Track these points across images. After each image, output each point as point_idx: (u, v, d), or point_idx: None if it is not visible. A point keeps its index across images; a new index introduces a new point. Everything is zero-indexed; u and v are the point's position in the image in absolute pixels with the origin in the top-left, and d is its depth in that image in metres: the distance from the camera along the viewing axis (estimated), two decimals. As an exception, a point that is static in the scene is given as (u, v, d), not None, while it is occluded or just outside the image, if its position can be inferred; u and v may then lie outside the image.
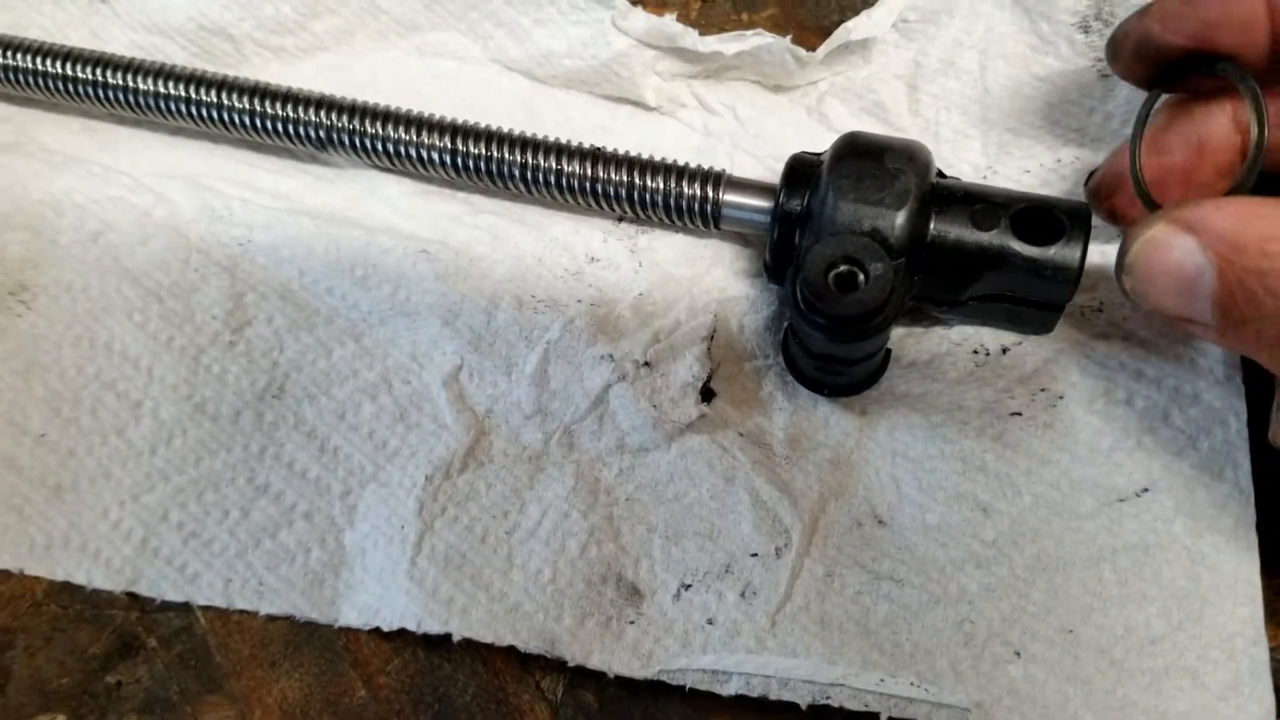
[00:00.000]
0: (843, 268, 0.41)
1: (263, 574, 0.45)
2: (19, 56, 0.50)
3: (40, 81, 0.50)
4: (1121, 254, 0.38)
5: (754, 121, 0.51)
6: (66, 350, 0.48)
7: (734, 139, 0.51)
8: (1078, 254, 0.41)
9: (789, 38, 0.50)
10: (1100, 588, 0.44)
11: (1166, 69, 0.40)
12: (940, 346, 0.48)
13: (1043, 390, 0.46)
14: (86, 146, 0.52)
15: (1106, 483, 0.45)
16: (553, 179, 0.47)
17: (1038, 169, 0.50)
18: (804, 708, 0.42)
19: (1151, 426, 0.45)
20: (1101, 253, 0.47)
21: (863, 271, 0.40)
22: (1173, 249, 0.35)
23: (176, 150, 0.52)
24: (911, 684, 0.42)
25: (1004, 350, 0.47)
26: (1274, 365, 0.35)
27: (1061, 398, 0.46)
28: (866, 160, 0.42)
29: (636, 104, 0.52)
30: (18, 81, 0.51)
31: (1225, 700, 0.41)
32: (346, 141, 0.49)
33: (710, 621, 0.44)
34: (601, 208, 0.48)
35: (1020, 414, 0.46)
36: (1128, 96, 0.49)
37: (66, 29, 0.54)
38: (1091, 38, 0.50)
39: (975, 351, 0.48)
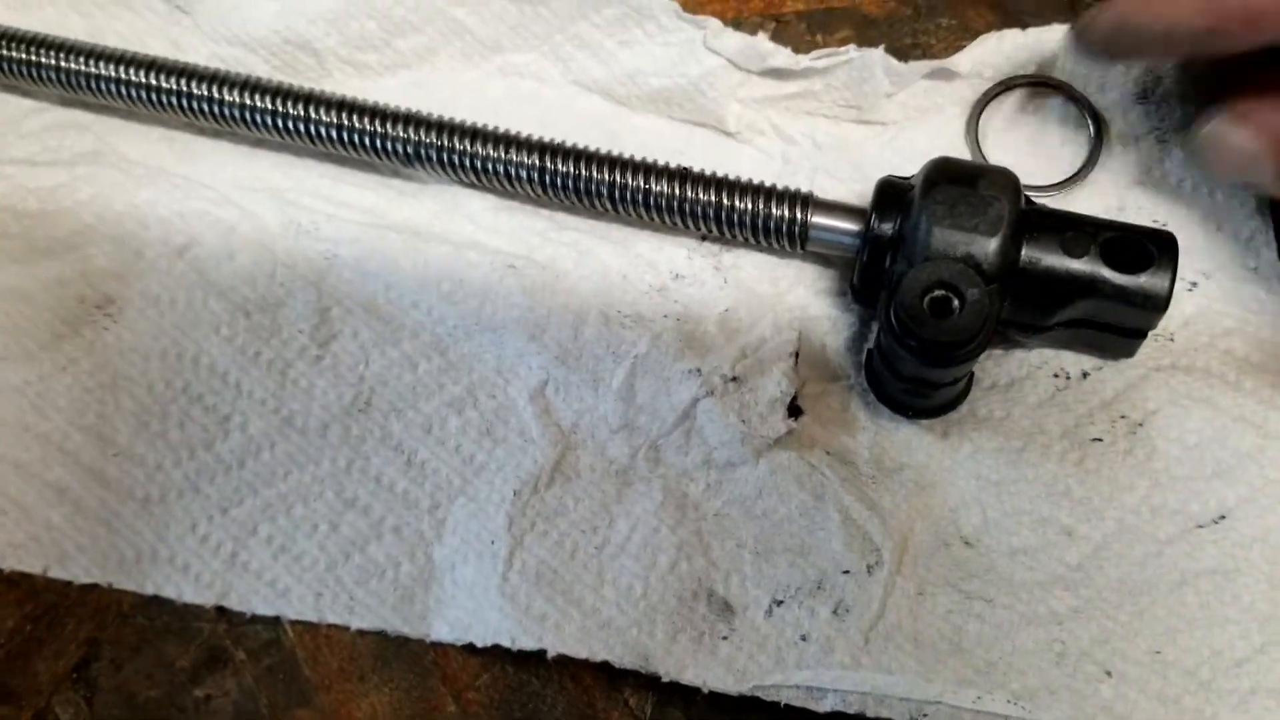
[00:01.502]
0: (938, 293, 0.41)
1: (353, 588, 0.45)
2: (100, 64, 0.50)
3: (123, 90, 0.50)
4: (1190, 137, 0.44)
5: (833, 149, 0.52)
6: (153, 364, 0.48)
7: (814, 164, 0.52)
8: (1167, 283, 0.42)
9: (882, 48, 0.51)
10: (1184, 610, 0.44)
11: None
12: (1020, 370, 0.49)
13: (1123, 417, 0.47)
14: (166, 157, 0.52)
15: (1185, 509, 0.46)
16: (640, 198, 0.48)
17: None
18: (900, 725, 0.42)
19: (1227, 456, 0.46)
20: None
21: (958, 297, 0.41)
22: (1233, 136, 0.42)
23: (258, 163, 0.52)
24: (1008, 702, 0.43)
25: (1084, 375, 0.48)
26: None
27: (1141, 425, 0.47)
28: (961, 186, 0.43)
29: (714, 129, 0.53)
30: (99, 89, 0.51)
31: (1314, 719, 0.42)
32: (435, 157, 0.49)
33: (804, 638, 0.44)
34: (687, 227, 0.49)
35: (1101, 439, 0.47)
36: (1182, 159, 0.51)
37: (145, 38, 0.54)
38: (1148, 106, 0.52)
39: (1056, 375, 0.48)
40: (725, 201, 0.48)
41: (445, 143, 0.48)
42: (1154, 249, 0.43)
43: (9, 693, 0.44)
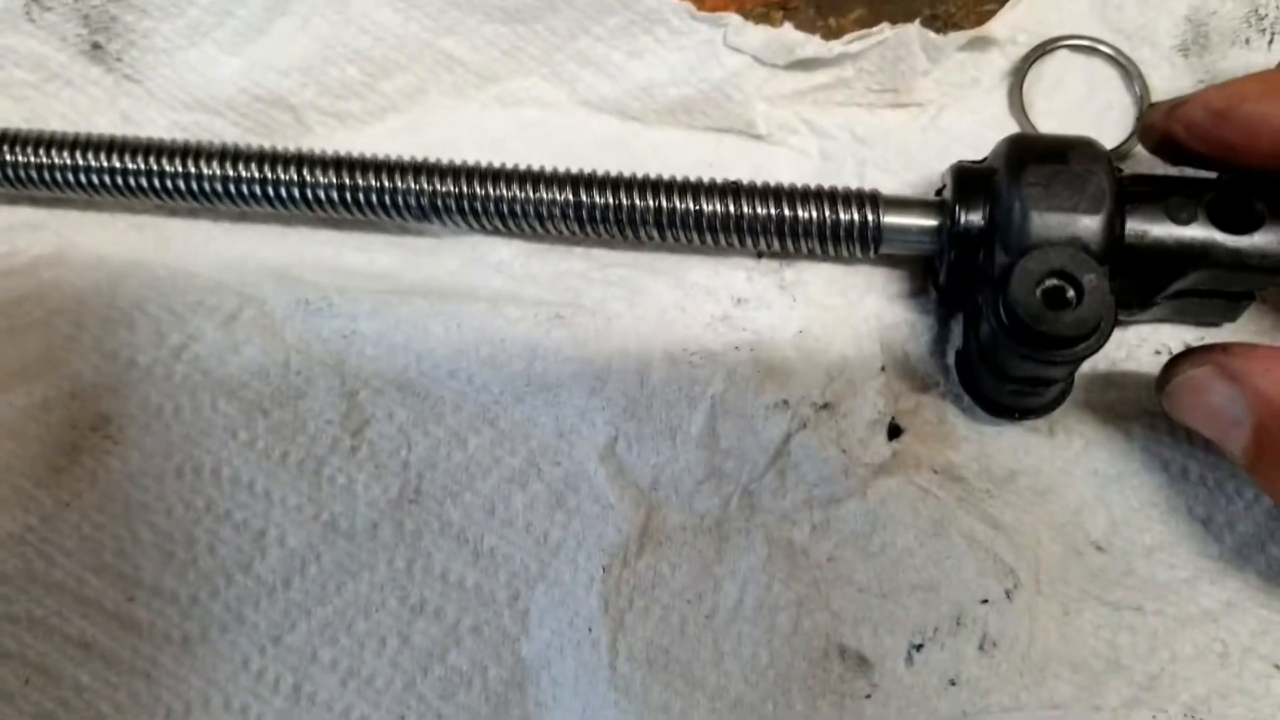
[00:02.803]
0: (1051, 283, 0.37)
1: (438, 705, 0.40)
2: (49, 152, 0.44)
3: (79, 178, 0.44)
4: (1163, 379, 0.39)
5: (874, 139, 0.48)
6: (168, 484, 0.42)
7: (858, 158, 0.47)
8: None
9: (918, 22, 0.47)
10: (1339, 585, 0.41)
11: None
12: (1119, 351, 0.45)
13: (1240, 386, 0.44)
14: (141, 247, 0.46)
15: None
16: (691, 221, 0.43)
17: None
18: (1080, 760, 0.38)
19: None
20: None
21: (1073, 285, 0.37)
22: (1214, 393, 0.36)
23: (245, 239, 0.46)
24: (1185, 715, 0.39)
25: (1188, 347, 0.45)
26: None
27: (1259, 392, 0.44)
28: (1053, 163, 0.39)
29: (742, 133, 0.48)
30: (51, 181, 0.44)
31: None
32: (453, 207, 0.43)
33: (953, 682, 0.40)
34: (744, 245, 0.44)
35: (1222, 412, 0.43)
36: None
37: (92, 116, 0.47)
38: (1191, 60, 0.49)
39: (1158, 352, 0.45)
40: (787, 212, 0.43)
41: (463, 189, 0.43)
42: (1262, 204, 0.39)
43: None
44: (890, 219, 0.43)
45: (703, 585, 0.41)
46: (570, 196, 0.43)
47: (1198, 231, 0.39)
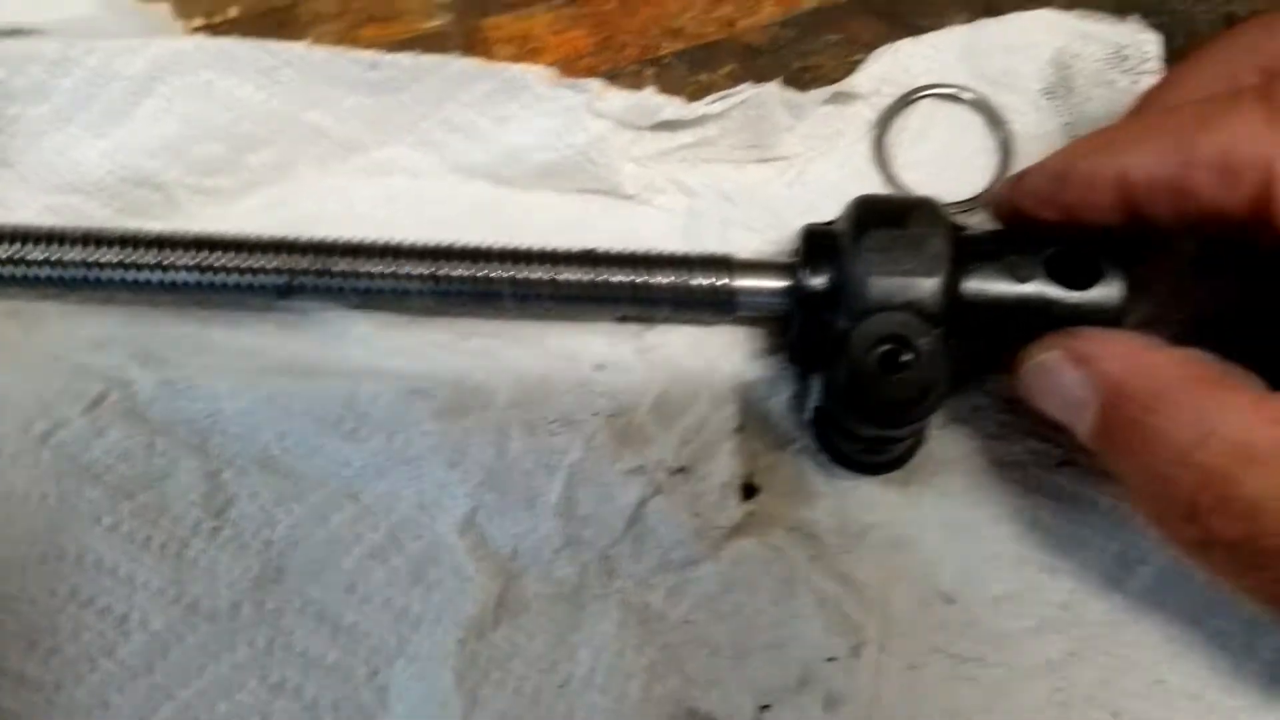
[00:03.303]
0: (886, 347, 0.38)
1: (300, 782, 0.41)
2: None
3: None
4: (1016, 365, 0.39)
5: (740, 196, 0.48)
6: (32, 572, 0.42)
7: (724, 217, 0.48)
8: (1119, 294, 0.40)
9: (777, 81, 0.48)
10: (1177, 631, 0.42)
11: None
12: (975, 399, 0.46)
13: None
14: (11, 332, 0.46)
15: (1167, 520, 0.43)
16: (548, 290, 0.44)
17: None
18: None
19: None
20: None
21: (908, 349, 0.38)
22: (1064, 377, 0.37)
23: (112, 320, 0.47)
24: (1021, 769, 0.40)
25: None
26: (1136, 500, 0.36)
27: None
28: (891, 227, 0.40)
29: (611, 195, 0.49)
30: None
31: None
32: (308, 285, 0.44)
33: (799, 741, 0.41)
34: (605, 311, 0.45)
35: (1069, 462, 0.44)
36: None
37: (-42, 201, 0.48)
38: (1056, 103, 0.49)
39: (1009, 401, 0.46)
40: (641, 279, 0.44)
41: (317, 266, 0.44)
42: (1103, 259, 0.40)
43: None
44: (742, 282, 0.43)
45: (557, 654, 0.42)
46: (425, 270, 0.44)
47: (1036, 288, 0.40)
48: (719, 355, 0.46)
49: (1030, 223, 0.40)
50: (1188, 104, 0.37)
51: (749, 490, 0.44)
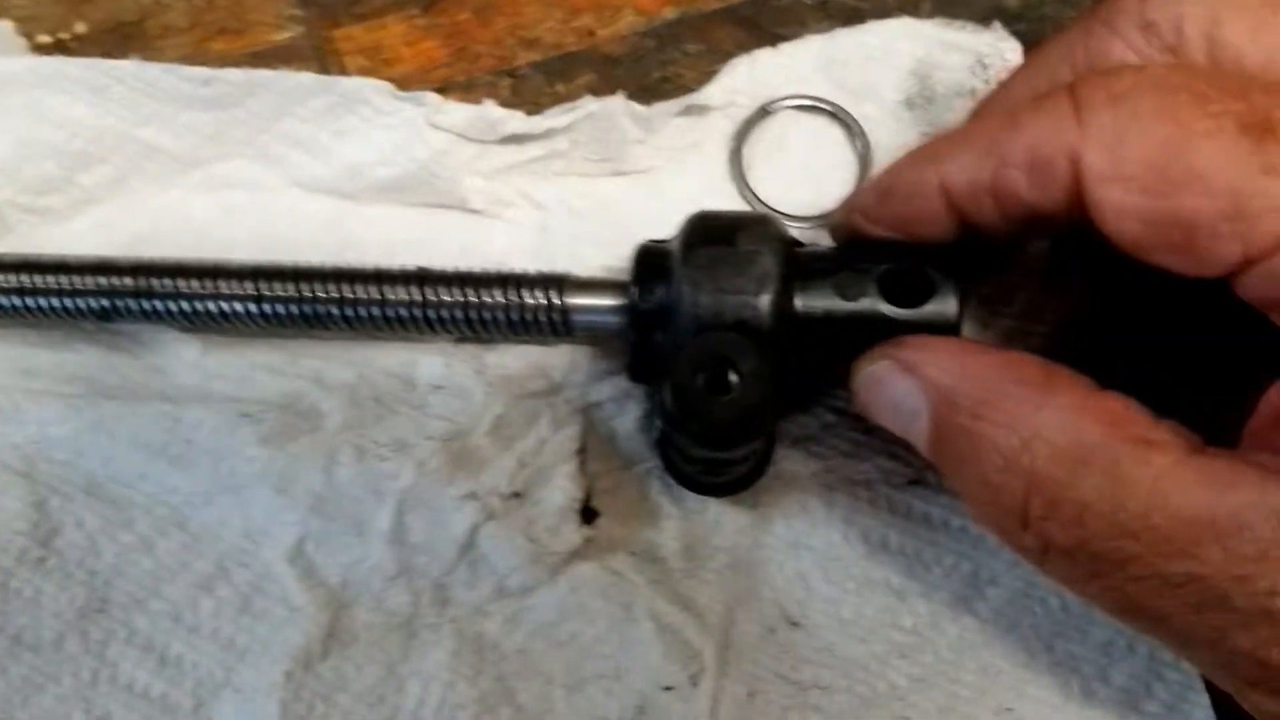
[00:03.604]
0: (712, 369, 0.37)
1: (117, 820, 0.39)
2: None
3: None
4: (849, 379, 0.38)
5: (591, 211, 0.47)
6: None
7: (573, 233, 0.47)
8: (953, 308, 0.38)
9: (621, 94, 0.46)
10: (1029, 657, 0.41)
11: None
12: (825, 417, 0.45)
13: (939, 453, 0.43)
14: None
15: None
16: (378, 311, 0.42)
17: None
18: None
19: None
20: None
21: (734, 370, 0.37)
22: (894, 387, 0.36)
23: (-60, 346, 0.45)
24: (858, 803, 0.39)
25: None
26: (972, 511, 0.35)
27: (958, 456, 0.43)
28: (719, 245, 0.39)
29: (459, 210, 0.47)
30: None
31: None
32: (133, 307, 0.43)
33: (631, 775, 0.39)
34: (438, 332, 0.44)
35: (918, 482, 0.43)
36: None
37: None
38: (916, 113, 0.48)
39: (861, 418, 0.44)
40: (473, 299, 0.42)
41: (138, 287, 0.42)
42: (935, 274, 0.39)
43: None
44: (577, 300, 0.42)
45: (386, 687, 0.41)
46: (249, 290, 0.42)
47: (869, 305, 0.39)
48: (563, 376, 0.45)
49: (868, 241, 0.39)
50: (1001, 107, 0.36)
51: (590, 514, 0.43)
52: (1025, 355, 0.34)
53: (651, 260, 0.41)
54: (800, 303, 0.39)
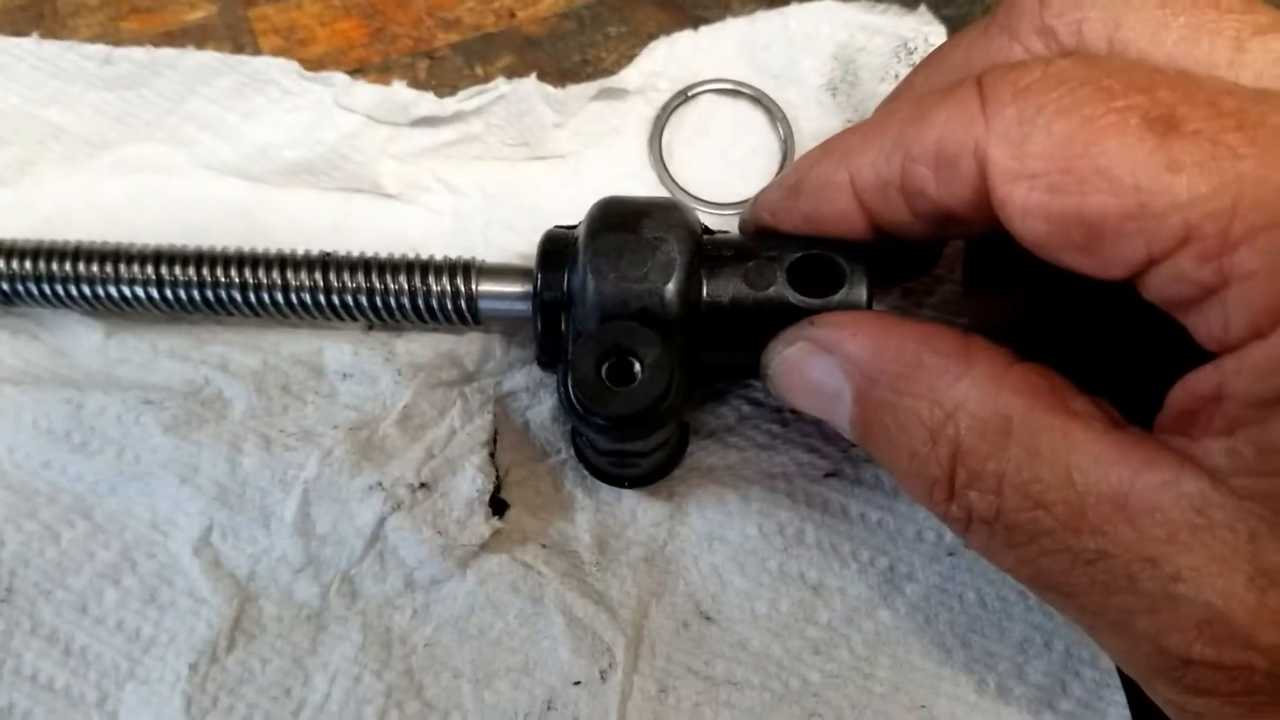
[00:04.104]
0: (614, 359, 0.36)
1: (18, 812, 0.39)
2: None
3: None
4: (764, 363, 0.37)
5: (507, 196, 0.46)
6: None
7: (488, 218, 0.46)
8: (864, 297, 0.38)
9: (534, 76, 0.45)
10: (945, 654, 0.41)
11: None
12: (741, 409, 0.44)
13: (854, 445, 0.43)
14: None
15: (933, 537, 0.42)
16: (281, 296, 0.42)
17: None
18: None
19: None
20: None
21: (637, 360, 0.36)
22: (813, 368, 0.35)
23: None
24: (767, 797, 0.38)
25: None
26: (902, 484, 0.34)
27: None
28: (623, 232, 0.38)
29: (373, 193, 0.46)
30: None
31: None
32: (34, 291, 0.42)
33: (537, 771, 0.39)
34: (345, 319, 0.43)
35: (835, 474, 0.43)
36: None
37: None
38: (840, 98, 0.48)
39: (778, 410, 0.44)
40: (379, 284, 0.42)
41: (40, 270, 0.41)
42: (844, 264, 0.38)
43: None
44: (485, 287, 0.42)
45: (292, 680, 0.40)
46: (149, 273, 0.41)
47: (778, 294, 0.38)
48: (476, 365, 0.44)
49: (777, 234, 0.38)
50: (907, 101, 0.35)
51: (501, 506, 0.42)
52: (942, 327, 0.34)
53: (555, 247, 0.40)
54: (707, 291, 0.38)
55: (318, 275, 0.41)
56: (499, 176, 0.47)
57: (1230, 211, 0.26)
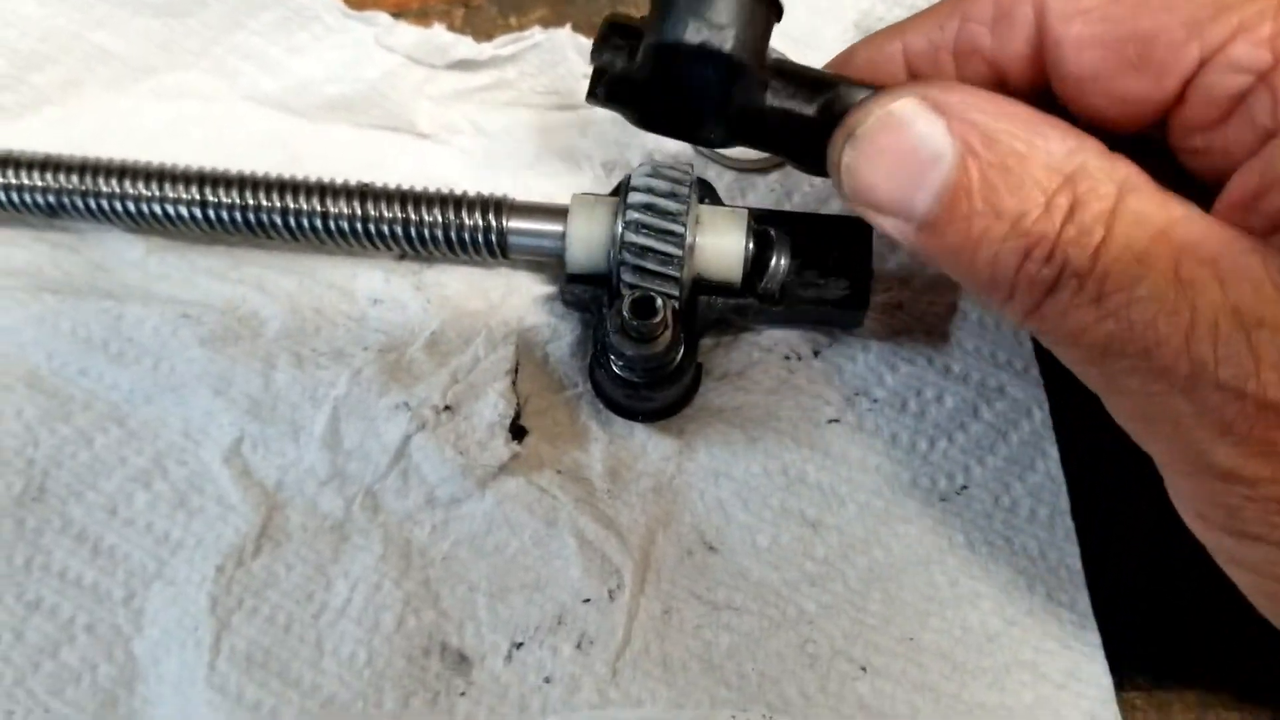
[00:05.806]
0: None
1: (47, 700, 0.41)
2: None
3: None
4: (851, 124, 0.34)
5: (537, 141, 0.48)
6: None
7: (518, 161, 0.48)
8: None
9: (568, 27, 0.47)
10: (934, 591, 0.43)
11: None
12: (751, 355, 0.46)
13: (856, 394, 0.45)
14: None
15: (927, 484, 0.44)
16: (319, 223, 0.43)
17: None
18: (654, 759, 0.40)
19: (963, 423, 0.45)
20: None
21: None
22: (915, 127, 0.33)
23: (-115, 233, 0.46)
24: (764, 716, 0.41)
25: (815, 353, 0.46)
26: (983, 255, 0.33)
27: (876, 400, 0.45)
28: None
29: (408, 133, 0.48)
30: None
31: (1065, 688, 0.41)
32: (79, 204, 0.43)
33: (548, 680, 0.41)
34: (379, 248, 0.45)
35: (838, 420, 0.45)
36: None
37: None
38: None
39: (787, 357, 0.46)
40: (414, 216, 0.44)
41: (85, 185, 0.43)
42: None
43: None
44: (516, 224, 0.43)
45: (314, 585, 0.42)
46: (195, 195, 0.43)
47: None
48: (501, 298, 0.46)
49: None
50: None
51: (519, 432, 0.44)
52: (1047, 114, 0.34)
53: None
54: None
55: (355, 204, 0.43)
56: (529, 123, 0.49)
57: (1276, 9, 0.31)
